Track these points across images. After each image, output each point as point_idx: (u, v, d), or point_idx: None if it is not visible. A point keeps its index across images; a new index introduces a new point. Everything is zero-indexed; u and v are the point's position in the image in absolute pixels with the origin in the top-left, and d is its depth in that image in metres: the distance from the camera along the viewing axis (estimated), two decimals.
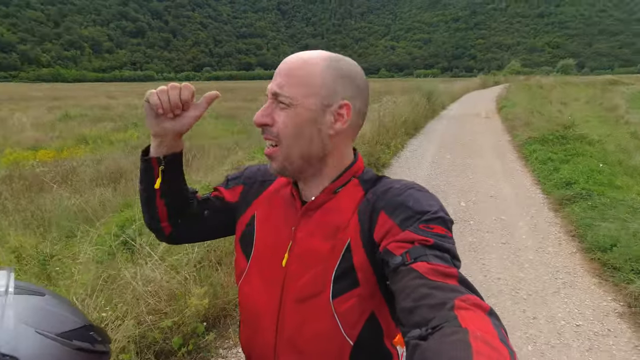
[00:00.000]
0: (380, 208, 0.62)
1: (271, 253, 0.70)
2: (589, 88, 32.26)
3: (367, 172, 0.71)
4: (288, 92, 0.62)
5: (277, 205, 0.73)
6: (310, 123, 0.63)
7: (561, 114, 13.01)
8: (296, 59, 0.64)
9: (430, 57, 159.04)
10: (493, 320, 0.42)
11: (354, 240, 0.63)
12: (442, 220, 0.58)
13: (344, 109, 0.64)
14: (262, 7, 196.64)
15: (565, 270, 3.07)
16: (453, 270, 0.50)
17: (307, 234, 0.67)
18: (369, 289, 0.62)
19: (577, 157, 5.90)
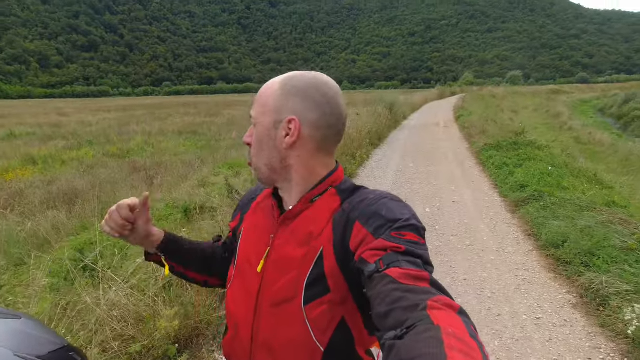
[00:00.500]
0: (355, 218, 0.64)
1: (250, 260, 0.75)
2: (535, 97, 34.77)
3: (345, 182, 0.74)
4: (254, 113, 0.73)
5: (260, 215, 0.79)
6: (267, 138, 0.71)
7: (512, 121, 13.90)
8: (264, 86, 0.74)
9: (390, 70, 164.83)
10: (463, 318, 0.45)
11: (326, 248, 0.65)
12: (414, 228, 0.61)
13: (291, 124, 0.68)
14: (222, 22, 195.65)
15: (524, 268, 3.26)
16: (425, 273, 0.53)
17: (283, 242, 0.70)
18: (339, 295, 0.64)
19: (528, 161, 6.31)
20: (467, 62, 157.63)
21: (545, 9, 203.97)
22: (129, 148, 11.44)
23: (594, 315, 2.56)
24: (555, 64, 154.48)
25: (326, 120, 0.70)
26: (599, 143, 13.50)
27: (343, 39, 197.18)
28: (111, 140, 12.96)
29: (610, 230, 3.43)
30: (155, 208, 5.18)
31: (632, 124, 22.58)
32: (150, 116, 22.11)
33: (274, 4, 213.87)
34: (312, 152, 0.71)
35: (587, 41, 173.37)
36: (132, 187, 6.68)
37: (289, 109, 0.68)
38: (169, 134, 14.50)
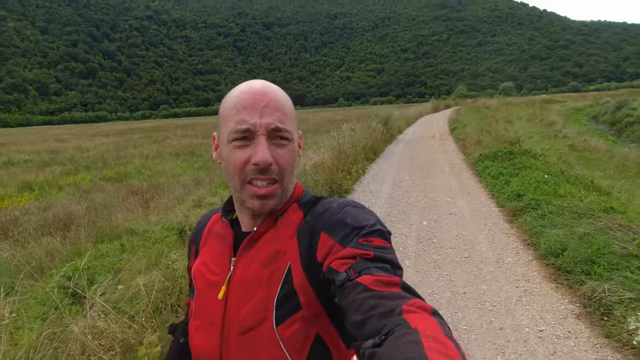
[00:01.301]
0: (320, 229, 0.63)
1: (209, 288, 0.69)
2: (529, 107, 35.16)
3: (306, 194, 0.72)
4: (289, 127, 0.64)
5: (214, 240, 0.74)
6: (297, 154, 0.68)
7: (507, 131, 13.99)
8: (274, 92, 0.65)
9: (384, 85, 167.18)
10: (437, 319, 0.45)
11: (294, 263, 0.63)
12: (380, 233, 0.60)
13: (300, 138, 0.70)
14: (217, 45, 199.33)
15: (524, 279, 3.20)
16: (396, 278, 0.53)
17: (246, 263, 0.67)
18: (312, 310, 0.62)
19: (524, 170, 6.30)
20: (459, 75, 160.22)
21: (533, 22, 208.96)
22: (126, 171, 11.44)
23: (598, 325, 2.49)
24: (546, 74, 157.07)
25: None
26: (594, 150, 13.56)
27: (337, 57, 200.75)
28: (108, 164, 12.98)
29: (609, 237, 3.38)
30: (150, 231, 5.13)
31: (626, 129, 22.78)
32: (148, 139, 22.23)
33: (268, 26, 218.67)
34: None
35: (575, 51, 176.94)
36: (128, 210, 6.63)
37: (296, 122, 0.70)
38: (166, 156, 14.53)
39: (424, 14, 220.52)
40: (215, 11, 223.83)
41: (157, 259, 3.72)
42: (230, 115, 0.64)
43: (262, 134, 0.62)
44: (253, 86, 0.65)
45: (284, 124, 0.63)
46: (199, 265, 0.74)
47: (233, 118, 0.63)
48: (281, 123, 0.63)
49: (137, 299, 2.45)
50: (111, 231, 5.40)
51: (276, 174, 0.63)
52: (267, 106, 0.62)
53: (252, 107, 0.62)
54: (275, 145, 0.63)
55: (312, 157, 7.45)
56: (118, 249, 4.58)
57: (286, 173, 0.65)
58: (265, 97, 0.63)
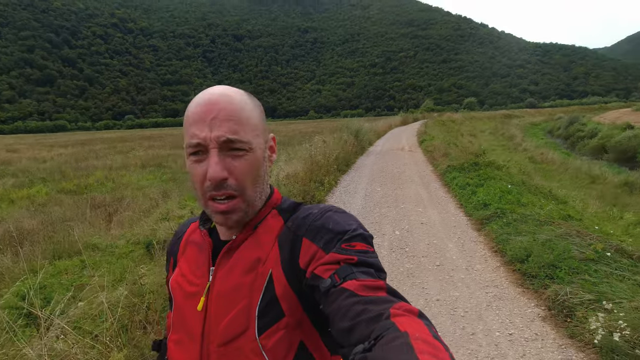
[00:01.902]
0: (302, 235, 0.62)
1: (187, 301, 0.67)
2: (491, 121, 37.03)
3: (285, 201, 0.72)
4: (244, 137, 0.60)
5: (193, 250, 0.72)
6: (263, 162, 0.65)
7: (472, 144, 14.63)
8: (229, 100, 0.61)
9: (355, 99, 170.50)
10: (424, 321, 0.46)
11: (275, 271, 0.62)
12: (362, 237, 0.61)
13: (274, 141, 0.69)
14: (187, 55, 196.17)
15: (493, 284, 3.30)
16: (381, 282, 0.53)
17: (226, 272, 0.64)
18: (295, 318, 0.61)
19: (489, 180, 6.59)
20: (426, 90, 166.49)
21: (493, 42, 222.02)
22: (87, 184, 10.88)
23: (562, 326, 2.61)
24: (506, 91, 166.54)
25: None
26: (551, 162, 14.43)
27: (308, 70, 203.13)
28: (67, 176, 12.29)
29: (568, 243, 3.58)
30: (114, 245, 4.89)
31: (578, 143, 24.49)
32: (112, 150, 21.34)
33: (239, 38, 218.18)
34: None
35: (531, 70, 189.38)
36: (89, 224, 6.29)
37: (267, 128, 0.68)
38: (132, 168, 13.98)
39: (392, 31, 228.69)
40: (185, 21, 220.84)
41: (122, 274, 3.53)
42: (185, 129, 0.62)
43: (214, 148, 0.59)
44: (205, 96, 0.62)
45: (237, 134, 0.60)
46: (176, 277, 0.71)
47: (187, 132, 0.62)
48: (233, 134, 0.59)
49: (100, 317, 2.31)
50: (70, 247, 5.08)
51: (234, 188, 0.61)
52: (216, 118, 0.59)
53: (202, 120, 0.60)
54: (232, 157, 0.60)
55: (285, 168, 7.42)
56: (78, 265, 4.31)
57: (246, 185, 0.62)
58: (214, 108, 0.60)
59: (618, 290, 2.72)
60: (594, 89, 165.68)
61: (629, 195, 9.54)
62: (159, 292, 2.44)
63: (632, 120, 30.78)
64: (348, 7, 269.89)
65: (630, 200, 8.97)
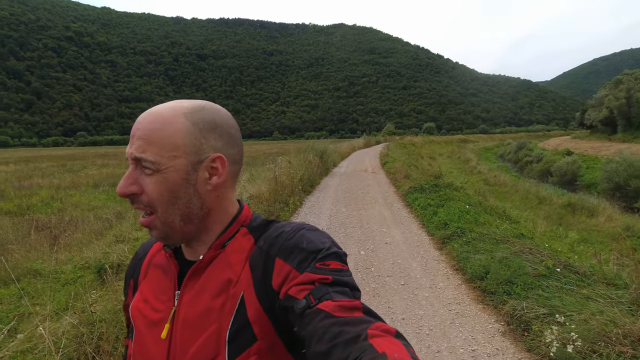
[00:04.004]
0: (275, 254, 0.60)
1: (149, 328, 0.63)
2: (448, 145, 39.01)
3: (256, 218, 0.69)
4: (152, 156, 0.58)
5: (156, 273, 0.67)
6: (184, 184, 0.60)
7: (431, 166, 15.27)
8: (152, 118, 0.60)
9: (319, 121, 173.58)
10: (402, 341, 0.46)
11: (247, 293, 0.59)
12: (337, 255, 0.59)
13: (217, 162, 0.62)
14: (147, 73, 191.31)
15: (455, 302, 3.38)
16: (357, 302, 0.53)
17: (193, 296, 0.61)
18: (267, 341, 0.58)
19: (449, 201, 6.86)
20: (388, 114, 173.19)
21: (448, 71, 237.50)
22: (30, 204, 10.05)
23: (520, 340, 2.70)
24: (461, 117, 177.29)
25: (239, 154, 0.67)
26: (503, 184, 15.36)
27: (273, 91, 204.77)
28: (7, 196, 11.30)
29: (523, 260, 3.77)
30: (60, 271, 4.51)
31: (526, 167, 26.35)
32: (60, 168, 19.98)
33: (202, 58, 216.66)
34: (228, 189, 0.66)
35: (483, 98, 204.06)
36: (31, 248, 5.77)
37: (210, 147, 0.61)
38: (83, 187, 13.13)
39: (355, 57, 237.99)
40: (146, 38, 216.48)
41: (67, 302, 3.24)
42: None
43: (131, 163, 0.60)
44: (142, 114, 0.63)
45: (144, 153, 0.58)
46: (137, 302, 0.66)
47: None
48: (141, 152, 0.58)
49: (42, 351, 2.08)
50: (7, 273, 4.62)
51: (145, 204, 0.60)
52: (134, 135, 0.60)
53: (131, 136, 0.61)
54: (145, 174, 0.60)
55: (249, 188, 7.31)
56: (16, 293, 3.92)
57: (157, 204, 0.59)
58: (137, 126, 0.60)
59: (568, 303, 2.88)
60: (538, 117, 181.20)
61: (572, 215, 10.32)
62: (112, 320, 2.25)
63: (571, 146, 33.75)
64: (313, 32, 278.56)
65: (573, 220, 9.70)
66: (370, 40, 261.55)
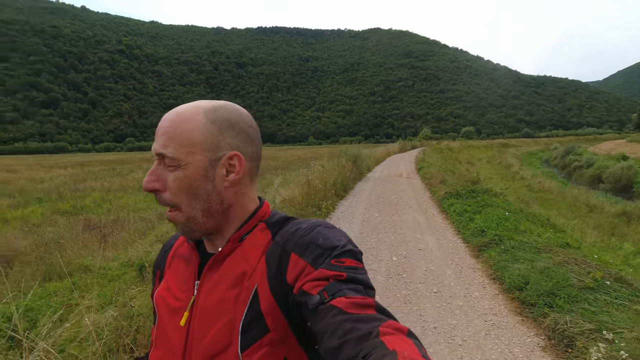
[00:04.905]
0: (290, 250, 0.62)
1: (170, 316, 0.66)
2: (488, 150, 37.48)
3: (274, 214, 0.71)
4: (173, 152, 0.61)
5: (179, 264, 0.71)
6: (203, 180, 0.63)
7: (469, 172, 14.73)
8: (174, 116, 0.63)
9: (354, 126, 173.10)
10: (414, 340, 0.46)
11: (261, 285, 0.61)
12: (352, 253, 0.60)
13: (234, 160, 0.64)
14: (190, 81, 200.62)
15: (492, 312, 3.23)
16: (370, 300, 0.53)
17: (211, 286, 0.64)
18: (279, 334, 0.59)
19: (487, 207, 6.58)
20: (424, 118, 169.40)
21: (488, 73, 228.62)
22: (84, 205, 10.83)
23: (563, 357, 2.53)
24: (502, 120, 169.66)
25: (257, 152, 0.69)
26: (548, 190, 14.49)
27: (308, 97, 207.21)
28: (64, 197, 12.25)
29: (567, 271, 3.53)
30: (107, 267, 4.81)
31: (574, 173, 24.69)
32: (111, 172, 21.37)
33: (241, 66, 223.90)
34: (247, 186, 0.68)
35: (526, 101, 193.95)
36: (83, 246, 6.21)
37: (227, 144, 0.64)
38: (130, 190, 13.95)
39: (391, 61, 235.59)
40: (189, 49, 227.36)
41: (112, 297, 3.46)
42: None
43: (156, 159, 0.63)
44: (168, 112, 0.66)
45: (166, 149, 0.61)
46: (162, 290, 0.70)
47: None
48: (163, 148, 0.62)
49: (87, 341, 2.23)
50: (62, 268, 5.01)
51: (167, 200, 0.63)
52: (158, 132, 0.63)
53: (156, 133, 0.64)
54: (167, 170, 0.63)
55: (282, 192, 7.43)
56: (68, 287, 4.22)
57: (179, 199, 0.62)
58: (162, 123, 0.64)
59: (618, 319, 2.67)
60: (588, 120, 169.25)
61: (627, 225, 9.53)
62: (149, 315, 2.38)
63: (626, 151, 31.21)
64: (348, 38, 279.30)
65: (629, 230, 8.95)
66: (406, 43, 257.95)
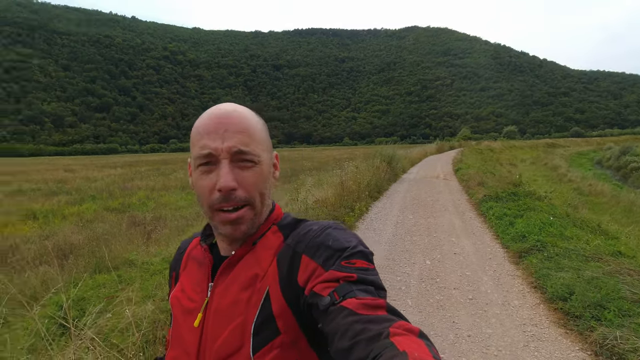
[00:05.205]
0: (301, 252, 0.62)
1: (185, 317, 0.67)
2: (532, 150, 35.50)
3: (286, 217, 0.71)
4: (254, 149, 0.63)
5: (193, 266, 0.72)
6: (269, 177, 0.67)
7: (511, 173, 14.04)
8: (241, 115, 0.64)
9: (390, 126, 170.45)
10: (425, 341, 0.45)
11: (273, 288, 0.61)
12: (362, 254, 0.60)
13: (276, 159, 0.70)
14: (229, 84, 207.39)
15: (531, 323, 3.06)
16: (381, 301, 0.53)
17: (224, 288, 0.64)
18: (290, 336, 0.60)
19: (529, 211, 6.24)
20: (463, 118, 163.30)
21: (534, 70, 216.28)
22: (130, 203, 11.51)
23: None
24: (549, 119, 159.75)
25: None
26: (600, 194, 13.47)
27: (343, 97, 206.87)
28: (114, 195, 13.09)
29: (618, 281, 3.27)
30: (150, 262, 5.07)
31: (631, 175, 22.74)
32: (155, 172, 22.54)
33: (278, 68, 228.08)
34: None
35: (576, 98, 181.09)
36: (128, 241, 6.60)
37: (271, 144, 0.70)
38: (172, 189, 14.64)
39: (428, 59, 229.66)
40: (229, 53, 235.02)
41: (152, 290, 3.65)
42: (195, 140, 0.64)
43: (225, 158, 0.61)
44: (217, 110, 0.64)
45: (248, 147, 0.62)
46: (177, 292, 0.72)
47: (197, 143, 0.63)
48: (244, 146, 0.62)
49: (128, 331, 2.38)
50: (110, 262, 5.36)
51: (242, 199, 0.62)
52: (228, 130, 0.62)
53: (215, 131, 0.61)
54: (240, 168, 0.62)
55: (315, 193, 7.47)
56: (115, 280, 4.51)
57: (254, 196, 0.63)
58: (227, 121, 0.62)
59: None
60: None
61: None
62: None
63: None
64: (384, 37, 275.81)
65: None
66: (444, 41, 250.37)
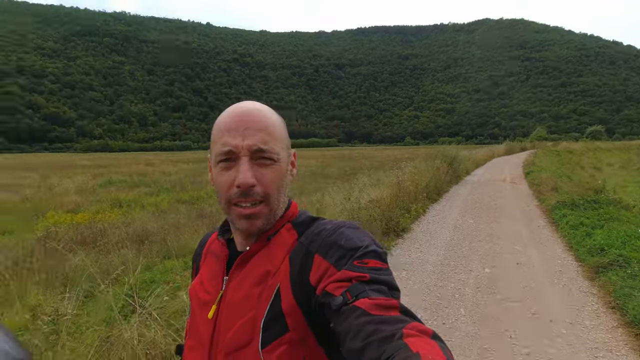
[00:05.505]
0: (314, 251, 0.62)
1: (201, 308, 0.70)
2: (623, 153, 31.30)
3: (301, 214, 0.72)
4: (273, 147, 0.64)
5: (212, 259, 0.75)
6: (287, 175, 0.69)
7: (594, 178, 12.57)
8: (261, 113, 0.66)
9: (454, 126, 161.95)
10: (439, 342, 0.44)
11: (284, 285, 0.62)
12: (375, 254, 0.59)
13: (294, 157, 0.72)
14: (292, 84, 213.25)
15: (606, 348, 2.74)
16: (394, 301, 0.52)
17: (238, 283, 0.66)
18: (299, 333, 0.60)
19: (611, 222, 5.56)
20: (538, 117, 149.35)
21: (628, 61, 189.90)
22: (199, 196, 12.41)
23: None
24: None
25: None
26: None
27: (406, 96, 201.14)
28: (185, 188, 14.22)
29: None
30: None
31: None
32: None
33: (340, 67, 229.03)
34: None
35: None
36: (194, 231, 7.14)
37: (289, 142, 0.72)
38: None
39: (500, 54, 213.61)
40: (293, 54, 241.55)
41: None
42: (216, 138, 0.66)
43: (245, 156, 0.63)
44: (238, 109, 0.66)
45: (267, 145, 0.63)
46: (195, 284, 0.74)
47: (218, 141, 0.65)
48: (264, 144, 0.63)
49: (185, 315, 2.60)
50: (179, 250, 5.83)
51: (260, 195, 0.63)
52: (249, 128, 0.63)
53: (236, 129, 0.64)
54: (259, 165, 0.64)
55: (370, 192, 7.40)
56: (182, 266, 4.92)
57: (271, 193, 0.65)
58: (248, 119, 0.64)
59: None
60: None
61: None
62: None
63: None
64: (452, 32, 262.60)
65: None
66: (519, 33, 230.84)
